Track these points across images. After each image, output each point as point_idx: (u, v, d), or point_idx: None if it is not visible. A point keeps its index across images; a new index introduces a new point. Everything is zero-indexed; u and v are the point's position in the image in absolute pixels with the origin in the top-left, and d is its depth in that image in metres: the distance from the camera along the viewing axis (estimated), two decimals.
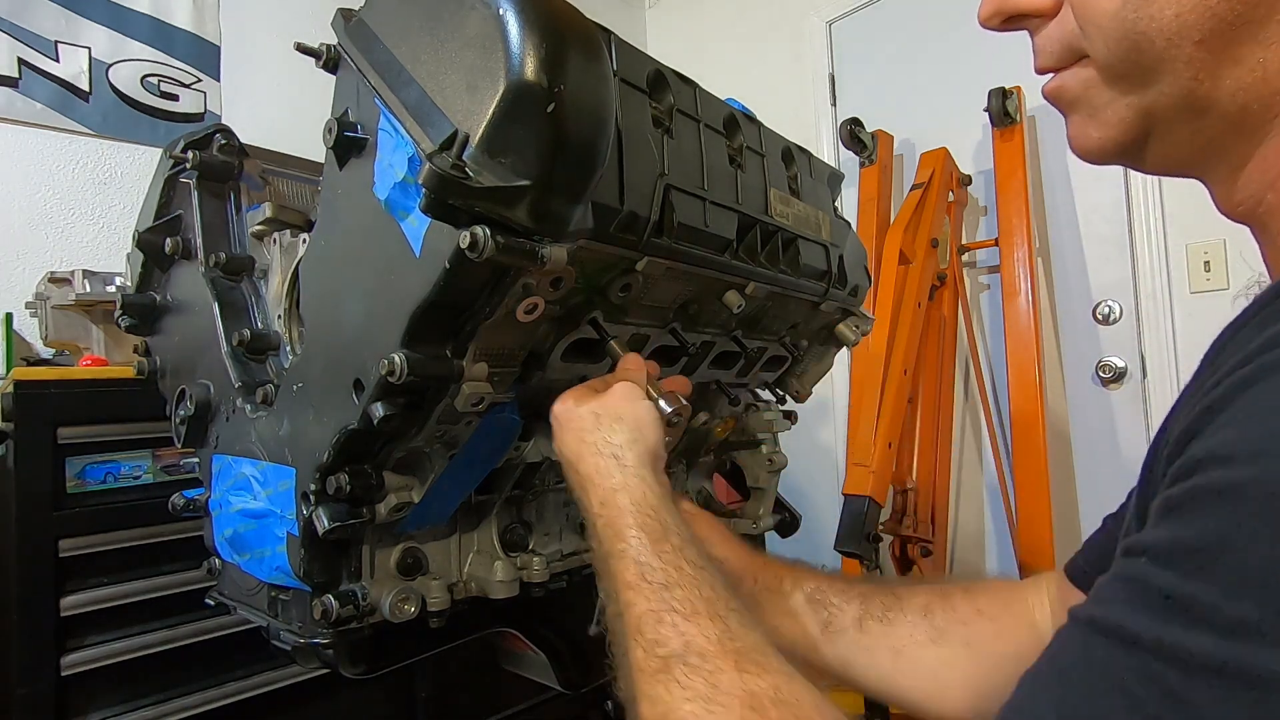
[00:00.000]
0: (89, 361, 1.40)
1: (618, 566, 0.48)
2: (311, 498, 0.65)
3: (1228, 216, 0.39)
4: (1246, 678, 0.23)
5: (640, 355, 0.67)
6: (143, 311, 0.96)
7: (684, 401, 0.65)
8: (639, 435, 0.56)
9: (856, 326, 0.98)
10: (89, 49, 1.87)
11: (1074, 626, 0.30)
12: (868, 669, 0.61)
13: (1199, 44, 0.33)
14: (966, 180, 2.15)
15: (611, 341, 0.67)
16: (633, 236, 0.61)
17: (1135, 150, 0.38)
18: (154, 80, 1.97)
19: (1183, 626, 0.25)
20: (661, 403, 0.61)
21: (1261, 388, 0.27)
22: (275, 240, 0.85)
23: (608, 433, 0.56)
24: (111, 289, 1.47)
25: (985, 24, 0.42)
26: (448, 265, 0.53)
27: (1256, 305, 0.33)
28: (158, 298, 0.96)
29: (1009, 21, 0.41)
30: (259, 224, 0.87)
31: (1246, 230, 0.39)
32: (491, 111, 0.51)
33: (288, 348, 0.82)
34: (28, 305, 1.55)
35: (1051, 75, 0.41)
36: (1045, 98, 0.42)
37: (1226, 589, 0.24)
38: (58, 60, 1.82)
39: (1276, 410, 0.26)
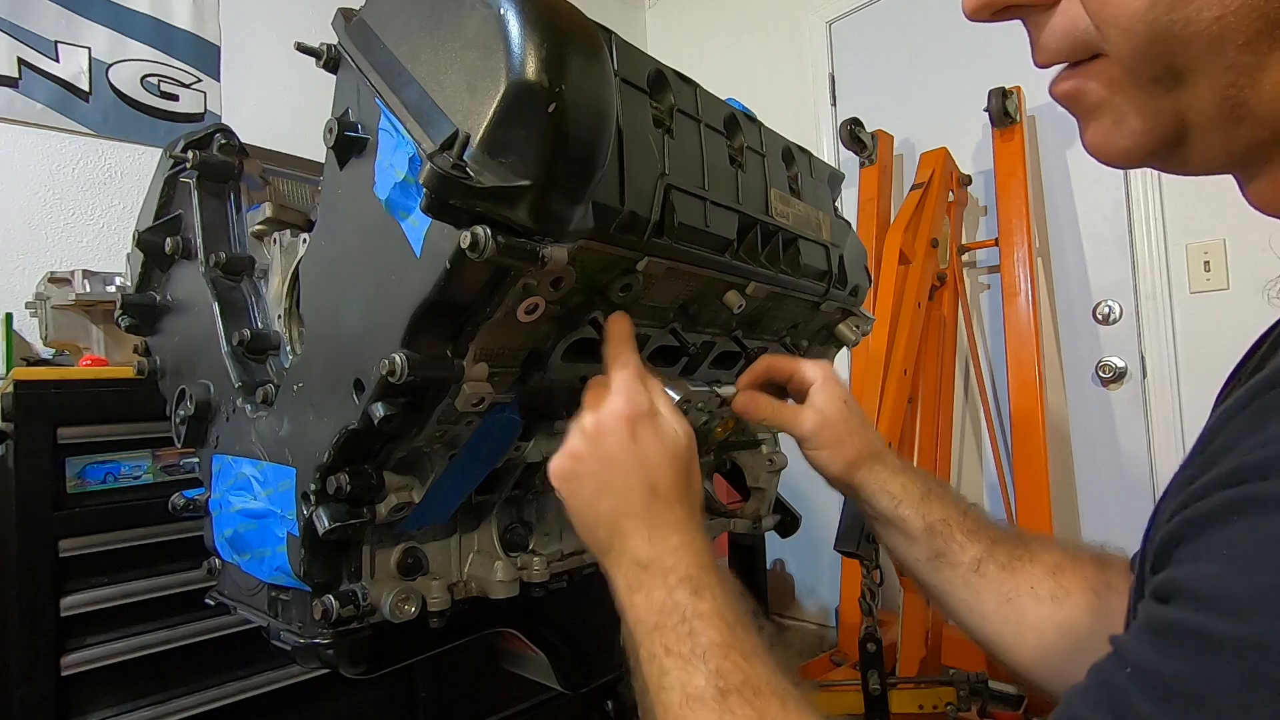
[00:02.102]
0: (89, 361, 1.40)
1: (689, 594, 0.48)
2: (312, 498, 0.65)
3: (1262, 212, 0.37)
4: None
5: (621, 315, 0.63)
6: (143, 311, 0.96)
7: (689, 387, 0.64)
8: (675, 472, 0.55)
9: (856, 326, 0.98)
10: (89, 49, 1.87)
11: (1065, 708, 0.31)
12: (967, 607, 0.60)
13: (1243, 47, 0.30)
14: (966, 180, 2.15)
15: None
16: (633, 236, 0.61)
17: (1164, 155, 0.35)
18: (154, 80, 1.97)
19: None
20: (670, 391, 0.60)
21: (1247, 524, 0.27)
22: (275, 240, 0.85)
23: (684, 493, 0.55)
24: (111, 289, 1.47)
25: (973, 16, 0.38)
26: (448, 265, 0.53)
27: (1265, 383, 0.30)
28: (158, 298, 0.96)
29: (1000, 13, 0.37)
30: (259, 224, 0.87)
31: (1246, 230, 0.39)
32: (492, 111, 0.51)
33: (288, 348, 0.82)
34: (28, 305, 1.55)
35: (1063, 73, 0.37)
36: (1058, 100, 0.38)
37: None
38: (58, 60, 1.82)
39: (1262, 558, 0.26)
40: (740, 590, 0.49)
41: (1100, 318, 2.00)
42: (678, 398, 0.60)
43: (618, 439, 0.54)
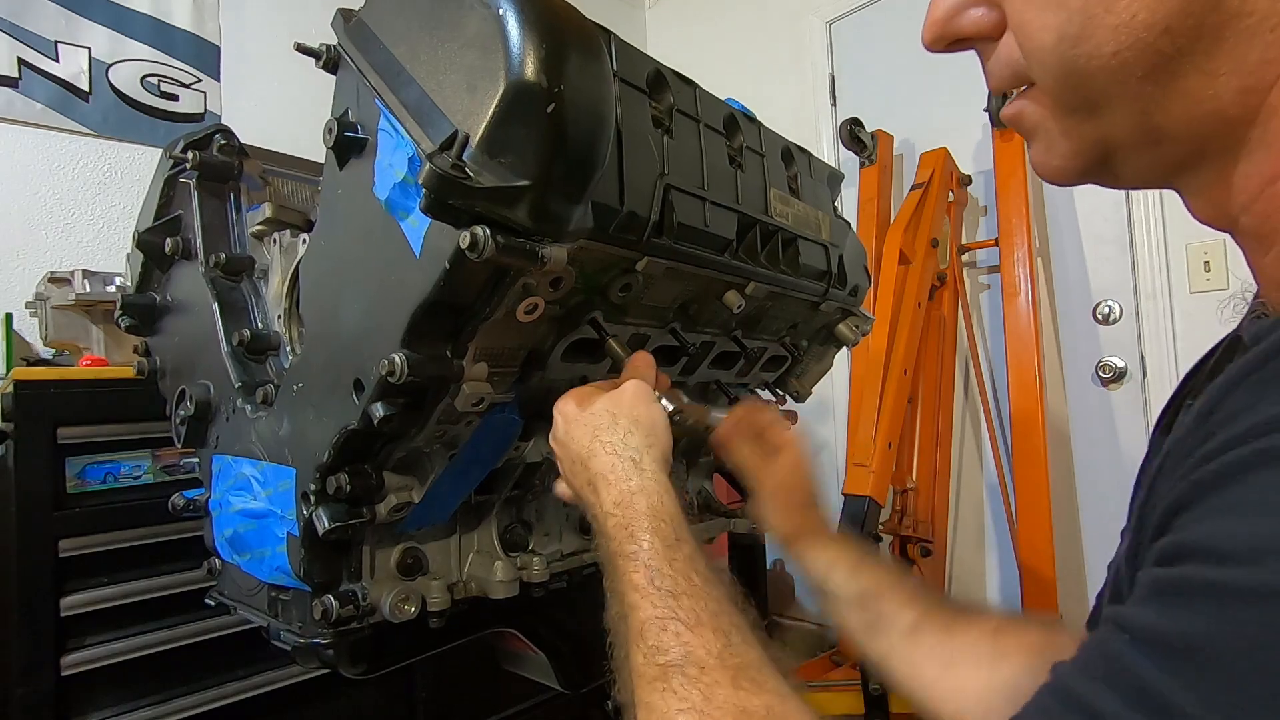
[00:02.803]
0: (89, 361, 1.40)
1: (627, 568, 0.48)
2: (311, 498, 0.65)
3: (1203, 224, 0.39)
4: None
5: (647, 353, 0.67)
6: (143, 311, 0.96)
7: (684, 400, 0.65)
8: (655, 439, 0.56)
9: (856, 326, 0.98)
10: (89, 49, 1.87)
11: (1051, 689, 0.30)
12: (905, 672, 0.60)
13: (1143, 79, 0.32)
14: (966, 180, 2.15)
15: (610, 340, 0.67)
16: (633, 236, 0.61)
17: (1097, 172, 0.38)
18: (154, 80, 1.97)
19: (1152, 717, 0.25)
20: (664, 401, 0.61)
21: (1261, 477, 0.26)
22: (275, 240, 0.85)
23: (625, 434, 0.55)
24: (111, 289, 1.47)
25: (930, 48, 0.41)
26: (448, 265, 0.53)
27: (1261, 357, 0.31)
28: (158, 298, 0.96)
29: (954, 45, 0.40)
30: (259, 224, 0.87)
31: None
32: (491, 112, 0.51)
33: (288, 348, 0.82)
34: (28, 305, 1.55)
35: (1010, 99, 0.40)
36: (1007, 122, 0.41)
37: (1203, 698, 0.24)
38: (58, 60, 1.82)
39: (1271, 509, 0.26)
40: (692, 549, 0.49)
41: (1100, 318, 2.00)
42: (670, 408, 0.61)
43: (559, 419, 0.59)
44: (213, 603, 0.89)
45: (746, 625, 0.45)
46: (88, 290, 1.46)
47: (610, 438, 0.55)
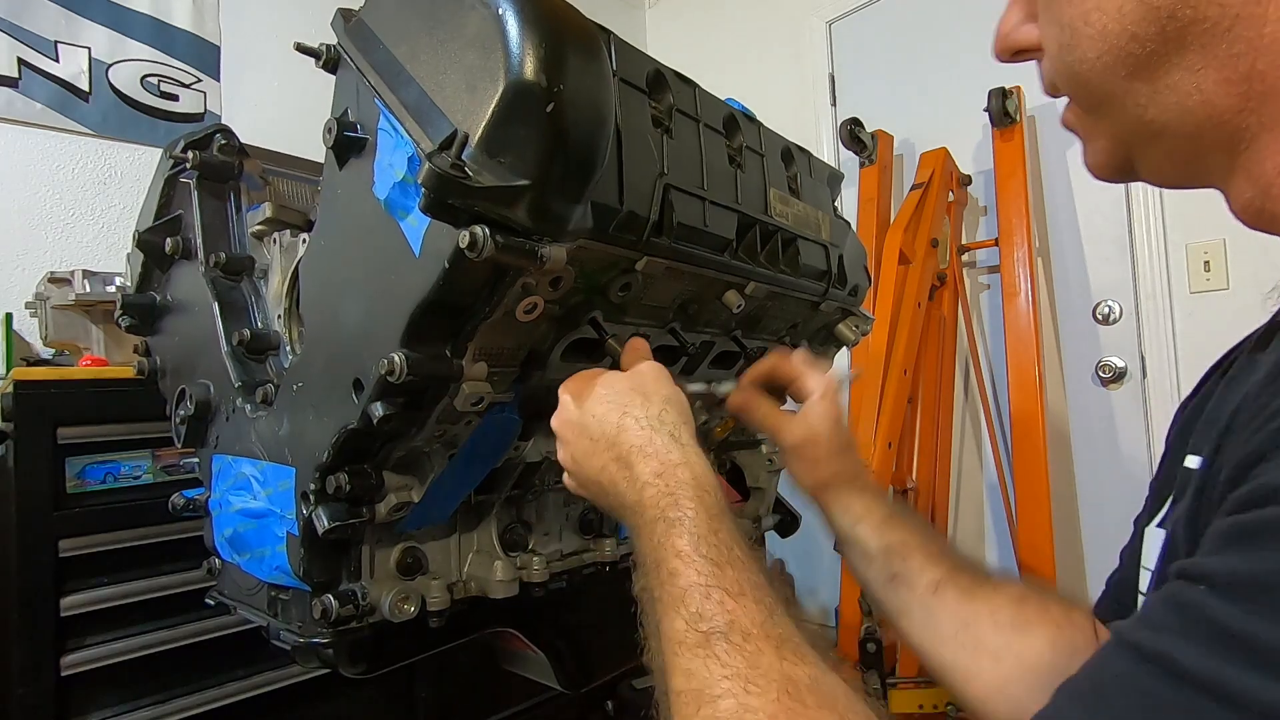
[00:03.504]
0: (89, 361, 1.40)
1: (670, 533, 0.47)
2: (311, 497, 0.65)
3: (1245, 224, 0.39)
4: None
5: (640, 338, 0.66)
6: (143, 311, 0.96)
7: (727, 385, 0.68)
8: (687, 417, 0.55)
9: (856, 326, 0.98)
10: (89, 49, 1.87)
11: (1119, 648, 0.29)
12: (921, 630, 0.59)
13: (1129, 78, 0.36)
14: (966, 180, 2.15)
15: (610, 340, 0.67)
16: (632, 236, 0.61)
17: (1127, 169, 0.41)
18: (154, 80, 1.97)
19: (1240, 667, 0.24)
20: (693, 386, 0.61)
21: None
22: (275, 240, 0.85)
23: (660, 410, 0.54)
24: (111, 289, 1.47)
25: (999, 58, 0.46)
26: (447, 265, 0.53)
27: None
28: (158, 298, 0.96)
29: (1015, 56, 0.45)
30: (259, 224, 0.87)
31: (1246, 230, 0.39)
32: (491, 111, 0.51)
33: (288, 348, 0.82)
34: (28, 305, 1.55)
35: (1037, 98, 0.45)
36: (1066, 127, 0.45)
37: None
38: (58, 60, 1.82)
39: None
40: (734, 525, 0.48)
41: (1100, 318, 2.00)
42: (691, 388, 0.61)
43: (570, 399, 0.58)
44: (213, 602, 0.89)
45: (785, 601, 0.44)
46: (88, 290, 1.46)
47: (643, 413, 0.54)
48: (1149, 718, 0.25)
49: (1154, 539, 0.46)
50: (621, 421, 0.54)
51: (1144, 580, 0.46)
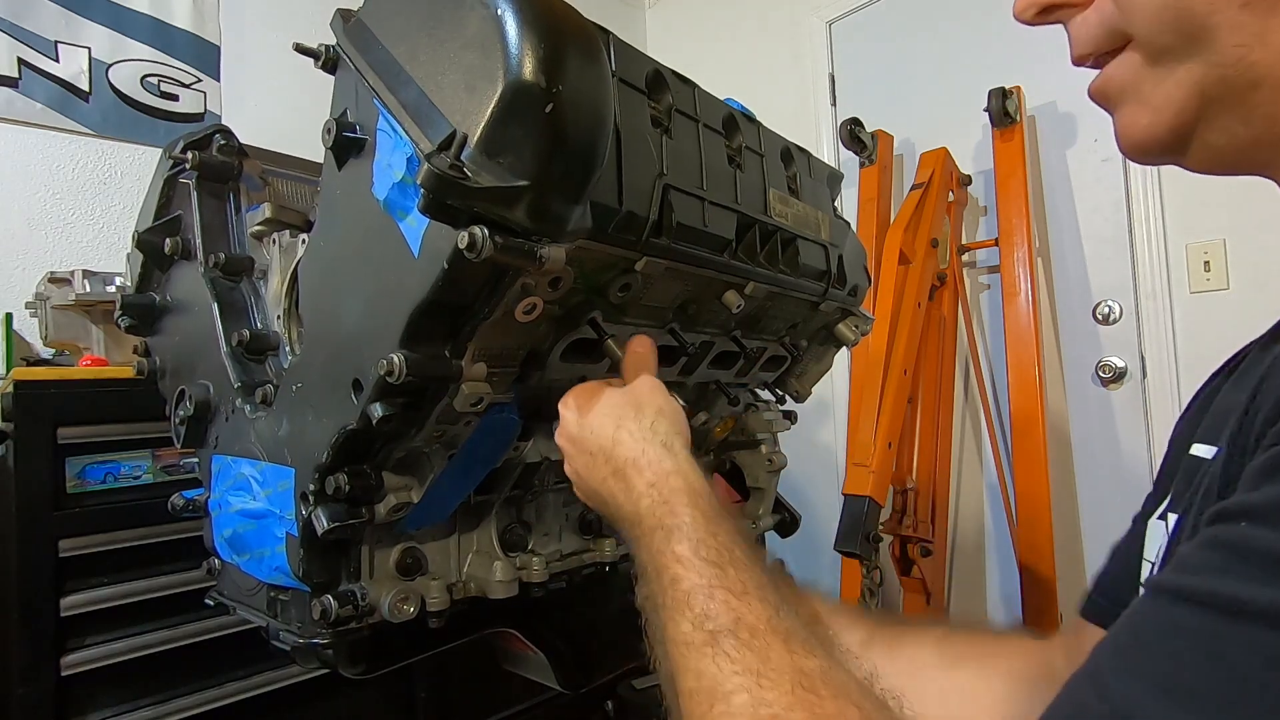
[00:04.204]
0: (89, 361, 1.40)
1: (669, 540, 0.47)
2: (310, 498, 0.65)
3: None
4: None
5: (645, 337, 0.66)
6: (142, 312, 0.96)
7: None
8: (680, 427, 0.56)
9: (856, 326, 0.98)
10: (89, 49, 1.87)
11: (1157, 597, 0.27)
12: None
13: (1243, 7, 0.31)
14: (966, 180, 2.15)
15: (608, 341, 0.67)
16: (631, 236, 0.61)
17: (1188, 135, 0.36)
18: (154, 80, 1.97)
19: None
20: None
21: None
22: (274, 240, 0.85)
23: (652, 421, 0.55)
24: (111, 289, 1.47)
25: (1020, 17, 0.41)
26: (446, 265, 0.53)
27: None
28: (157, 298, 0.96)
29: (1044, 14, 0.40)
30: (258, 224, 0.87)
31: (1247, 230, 0.39)
32: (490, 112, 0.51)
33: (287, 348, 0.82)
34: (28, 305, 1.55)
35: (1095, 71, 0.39)
36: (1092, 98, 0.40)
37: None
38: (58, 60, 1.82)
39: None
40: (733, 526, 0.48)
41: (1100, 318, 2.00)
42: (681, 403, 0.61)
43: (570, 415, 0.59)
44: (212, 603, 0.89)
45: (790, 598, 0.44)
46: (88, 290, 1.46)
47: (636, 426, 0.55)
48: (1207, 657, 0.24)
49: (1156, 531, 0.45)
50: (616, 435, 0.55)
51: (1145, 573, 0.46)
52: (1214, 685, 0.23)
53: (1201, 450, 0.40)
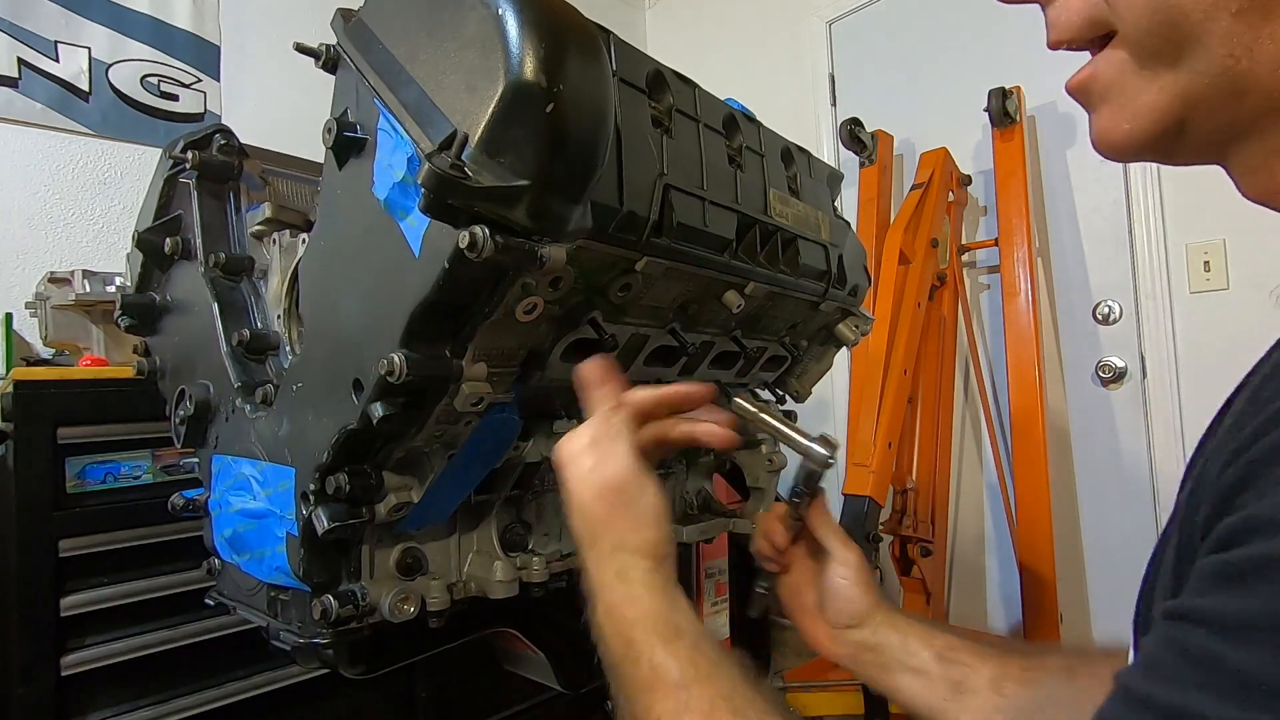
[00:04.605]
0: (89, 361, 1.40)
1: (633, 671, 0.48)
2: (311, 498, 0.65)
3: (1255, 201, 0.37)
4: None
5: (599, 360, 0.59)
6: (143, 311, 0.96)
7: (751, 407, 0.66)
8: (641, 543, 0.54)
9: (856, 326, 0.98)
10: (89, 49, 1.87)
11: (1129, 704, 0.28)
12: None
13: (1237, 16, 0.31)
14: (966, 180, 2.15)
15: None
16: (632, 236, 0.61)
17: (1168, 140, 0.35)
18: (154, 80, 1.97)
19: (1261, 712, 0.23)
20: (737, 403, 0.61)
21: None
22: (275, 240, 0.85)
23: (614, 538, 0.54)
24: (111, 289, 1.47)
25: None
26: (447, 265, 0.53)
27: None
28: (157, 298, 0.96)
29: None
30: (259, 224, 0.87)
31: (1247, 230, 0.38)
32: (490, 111, 0.51)
33: (287, 348, 0.82)
34: (28, 305, 1.55)
35: (1076, 62, 0.38)
36: (1070, 92, 0.39)
37: None
38: (58, 60, 1.82)
39: None
40: (696, 638, 0.49)
41: (1100, 318, 2.00)
42: (749, 408, 0.61)
43: (566, 475, 0.56)
44: (212, 603, 0.89)
45: (761, 699, 0.44)
46: (88, 290, 1.46)
47: (596, 546, 0.55)
48: None
49: None
50: (583, 550, 0.56)
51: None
52: None
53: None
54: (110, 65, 1.90)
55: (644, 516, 0.54)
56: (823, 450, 0.60)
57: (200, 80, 2.04)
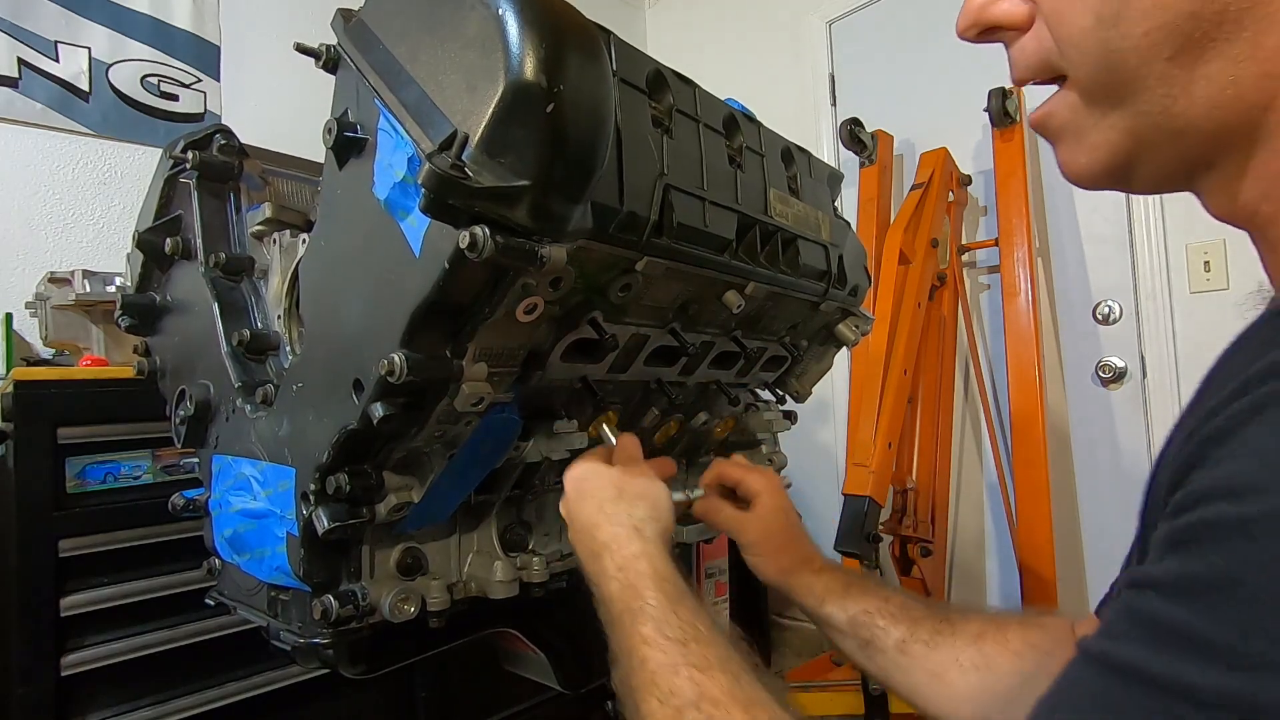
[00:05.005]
0: (89, 361, 1.40)
1: (635, 623, 0.51)
2: (311, 498, 0.65)
3: (1219, 219, 0.39)
4: (1265, 713, 0.23)
5: (633, 435, 0.72)
6: (143, 311, 0.96)
7: (698, 492, 0.74)
8: (658, 514, 0.60)
9: (856, 326, 0.98)
10: (89, 49, 1.87)
11: (1086, 662, 0.30)
12: (904, 686, 0.63)
13: (1170, 61, 0.33)
14: (966, 180, 2.15)
15: (605, 427, 0.72)
16: (632, 236, 0.61)
17: (1124, 172, 0.38)
18: (154, 80, 1.97)
19: (1200, 665, 0.25)
20: (676, 495, 0.66)
21: (1265, 418, 0.27)
22: (275, 240, 0.85)
23: (630, 506, 0.60)
24: (111, 289, 1.47)
25: (963, 35, 0.43)
26: (447, 265, 0.53)
27: (1258, 324, 0.33)
28: (158, 298, 0.96)
29: (985, 33, 0.41)
30: (259, 224, 0.87)
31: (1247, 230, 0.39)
32: (491, 111, 0.51)
33: (287, 348, 0.82)
34: (28, 305, 1.55)
35: (1037, 99, 0.41)
36: (1032, 127, 0.42)
37: (1242, 626, 0.25)
38: (58, 60, 1.82)
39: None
40: (695, 604, 0.52)
41: (1100, 318, 2.00)
42: (680, 498, 0.67)
43: (570, 488, 0.64)
44: (213, 603, 0.89)
45: (752, 667, 0.47)
46: (88, 290, 1.46)
47: (615, 509, 0.59)
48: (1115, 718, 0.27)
49: None
50: (596, 518, 0.60)
51: None
52: None
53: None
54: (110, 65, 1.90)
55: (664, 505, 0.62)
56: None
57: (200, 80, 2.04)
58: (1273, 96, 0.32)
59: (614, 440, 0.72)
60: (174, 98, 2.00)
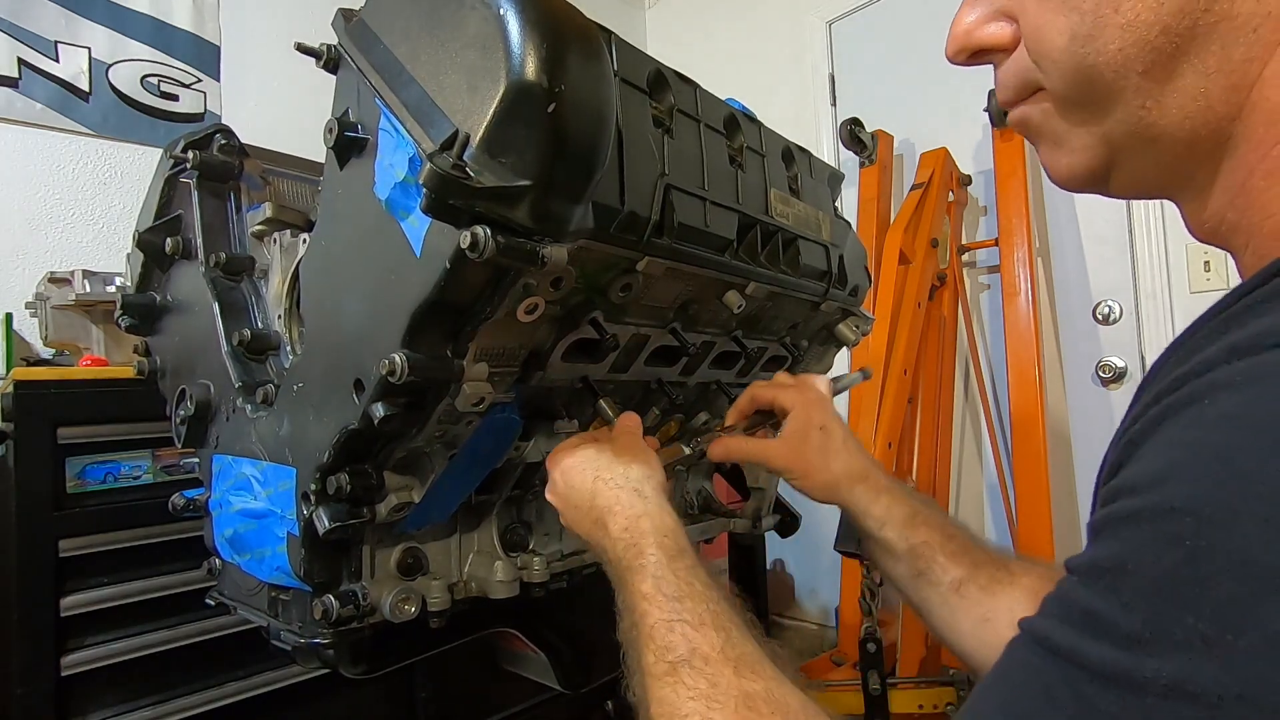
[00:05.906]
0: (89, 361, 1.40)
1: (635, 580, 0.53)
2: (312, 498, 0.65)
3: (1200, 240, 0.41)
4: (1139, 685, 0.26)
5: (634, 413, 0.71)
6: (143, 311, 0.96)
7: (686, 451, 0.72)
8: (652, 470, 0.62)
9: (856, 326, 0.98)
10: (89, 49, 1.87)
11: (1019, 636, 0.33)
12: (945, 624, 0.64)
13: (1143, 75, 0.35)
14: (966, 180, 2.15)
15: (601, 401, 0.71)
16: (633, 236, 0.61)
17: (1103, 176, 0.40)
18: (154, 80, 1.97)
19: (1092, 639, 0.28)
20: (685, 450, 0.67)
21: (1168, 426, 0.30)
22: (275, 240, 0.85)
23: (625, 468, 0.61)
24: (111, 289, 1.47)
25: (952, 60, 0.45)
26: (448, 265, 0.53)
27: (1191, 329, 0.35)
28: (158, 298, 0.96)
29: (974, 56, 0.43)
30: (259, 224, 0.87)
31: None
32: (492, 111, 0.51)
33: (288, 348, 0.82)
34: (28, 305, 1.55)
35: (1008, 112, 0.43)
36: (1011, 126, 0.44)
37: (1124, 605, 0.28)
38: (58, 60, 1.82)
39: (1177, 444, 0.29)
40: (693, 560, 0.54)
41: (1100, 318, 2.00)
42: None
43: (556, 474, 0.65)
44: (213, 603, 0.89)
45: (744, 623, 0.49)
46: (88, 290, 1.46)
47: (610, 474, 0.60)
48: (1038, 692, 0.30)
49: None
50: (594, 486, 0.60)
51: None
52: (1042, 715, 0.29)
53: None
54: (110, 65, 1.90)
55: (653, 460, 0.63)
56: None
57: (200, 80, 2.04)
58: (1239, 108, 0.34)
59: (613, 417, 0.71)
60: (174, 98, 2.00)
